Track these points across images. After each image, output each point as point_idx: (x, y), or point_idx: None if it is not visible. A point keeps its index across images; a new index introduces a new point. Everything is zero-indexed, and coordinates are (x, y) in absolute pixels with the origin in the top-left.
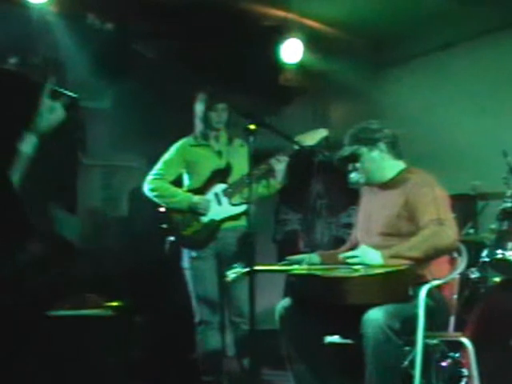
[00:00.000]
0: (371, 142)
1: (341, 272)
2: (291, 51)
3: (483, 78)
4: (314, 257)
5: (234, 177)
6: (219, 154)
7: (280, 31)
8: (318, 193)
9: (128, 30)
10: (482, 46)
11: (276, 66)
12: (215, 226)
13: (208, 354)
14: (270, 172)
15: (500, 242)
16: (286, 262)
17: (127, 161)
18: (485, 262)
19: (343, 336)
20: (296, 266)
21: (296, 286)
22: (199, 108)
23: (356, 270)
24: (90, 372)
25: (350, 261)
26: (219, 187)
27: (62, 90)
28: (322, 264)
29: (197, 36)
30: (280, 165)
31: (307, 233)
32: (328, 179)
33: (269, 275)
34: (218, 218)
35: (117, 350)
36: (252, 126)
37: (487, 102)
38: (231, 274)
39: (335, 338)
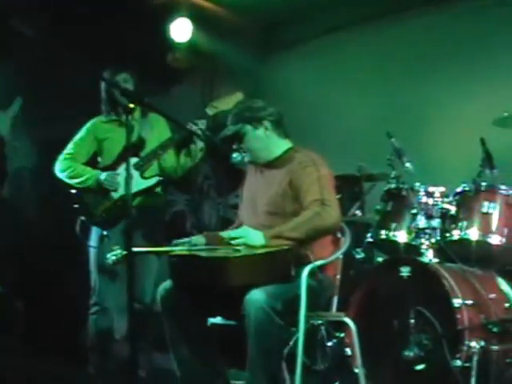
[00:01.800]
0: (256, 120)
1: (222, 252)
2: (180, 30)
3: (369, 61)
4: (199, 238)
5: (147, 150)
6: (130, 129)
7: (169, 10)
8: (205, 173)
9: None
10: (369, 30)
11: (165, 45)
12: (125, 202)
13: (97, 335)
14: (189, 139)
15: (384, 223)
16: (172, 244)
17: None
18: (369, 242)
19: (226, 317)
20: (178, 247)
21: (176, 267)
22: (102, 85)
23: (237, 251)
24: None
25: (232, 241)
26: (131, 161)
27: None
28: (206, 245)
29: (83, 13)
30: (197, 128)
31: (194, 214)
32: (215, 159)
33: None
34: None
35: None
36: (130, 105)
37: (372, 85)
38: (111, 256)
39: (218, 320)
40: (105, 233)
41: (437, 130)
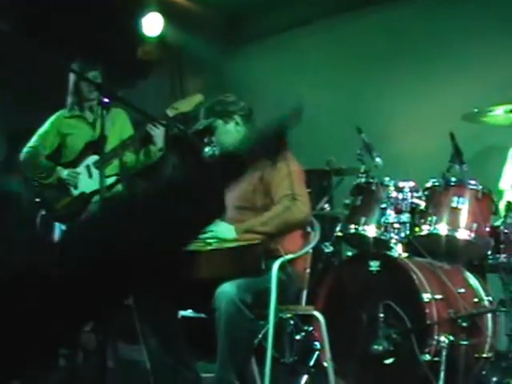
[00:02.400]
0: (227, 115)
1: (193, 246)
2: (151, 24)
3: (335, 55)
4: None
5: (109, 147)
6: (93, 125)
7: (140, 4)
8: (174, 166)
9: None
10: (333, 25)
11: (135, 39)
12: (85, 199)
13: None
14: (148, 138)
15: (353, 217)
16: None
17: None
18: (338, 236)
19: (196, 310)
20: None
21: None
22: (71, 78)
23: (208, 244)
24: None
25: (203, 235)
26: (91, 159)
27: None
28: None
29: (54, 5)
30: (157, 130)
31: None
32: (184, 152)
33: None
34: (87, 190)
35: None
36: (105, 100)
37: (340, 79)
38: None
39: (188, 312)
40: (63, 227)
41: (406, 124)
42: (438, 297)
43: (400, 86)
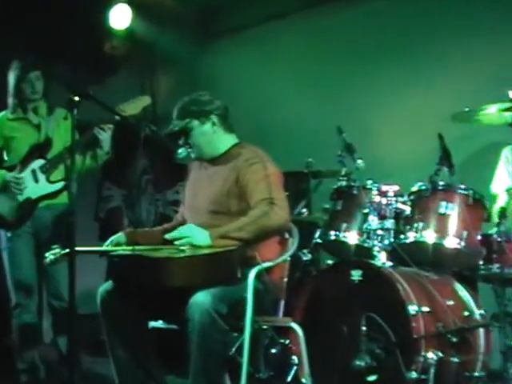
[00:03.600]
0: (203, 115)
1: (165, 252)
2: (119, 17)
3: (314, 51)
4: (119, 237)
5: (54, 151)
6: (38, 127)
7: None
8: (144, 168)
9: None
10: (313, 18)
11: (102, 32)
12: (31, 204)
13: (23, 339)
14: (95, 142)
15: (333, 223)
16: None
17: None
18: (317, 243)
19: (167, 321)
20: (120, 247)
21: (117, 267)
22: (11, 79)
23: (182, 251)
24: None
25: (176, 241)
26: (37, 163)
27: None
28: (128, 244)
29: None
30: (104, 134)
31: (131, 210)
32: (154, 153)
33: (91, 256)
34: (34, 196)
35: None
36: (76, 98)
37: (319, 76)
38: (50, 256)
39: (159, 323)
40: (8, 234)
41: (391, 124)
42: (426, 309)
43: (384, 83)
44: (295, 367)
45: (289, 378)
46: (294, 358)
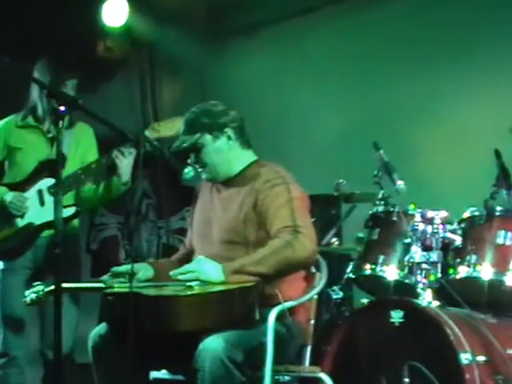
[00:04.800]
0: (216, 128)
1: (170, 290)
2: (114, 13)
3: (344, 51)
4: (147, 267)
5: (68, 171)
6: (52, 140)
7: None
8: (144, 191)
9: None
10: (344, 11)
11: (94, 30)
12: (33, 231)
13: None
14: (112, 168)
15: (369, 255)
16: (109, 274)
17: None
18: (350, 278)
19: (172, 371)
20: (116, 283)
21: (113, 307)
22: (41, 79)
23: (189, 288)
24: None
25: (182, 276)
26: (45, 183)
27: None
28: (156, 277)
29: None
30: (123, 160)
31: (130, 240)
32: (156, 174)
33: (93, 295)
34: (37, 221)
35: None
36: (61, 108)
37: (351, 82)
38: (30, 295)
39: (162, 374)
40: (1, 265)
41: (437, 139)
42: (481, 359)
43: (428, 92)
44: None
45: None
46: None
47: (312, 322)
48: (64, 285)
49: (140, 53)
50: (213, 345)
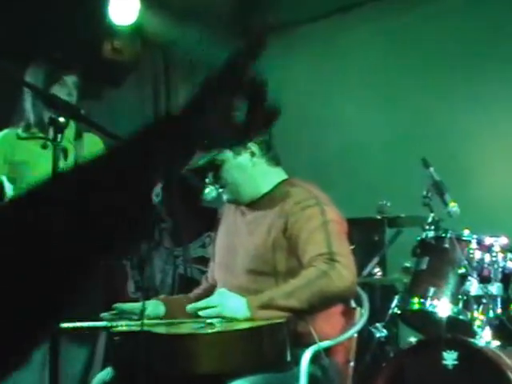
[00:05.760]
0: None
1: (188, 328)
2: (123, 9)
3: (394, 54)
4: (156, 305)
5: None
6: (64, 152)
7: None
8: (158, 213)
9: None
10: (388, 8)
11: (100, 30)
12: None
13: None
14: None
15: (417, 287)
16: (113, 312)
17: None
18: (395, 314)
19: None
20: (121, 323)
21: (119, 349)
22: (35, 82)
23: (210, 325)
24: None
25: (203, 312)
26: None
27: None
28: (167, 315)
29: None
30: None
31: (140, 271)
32: (172, 194)
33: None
34: None
35: None
36: (60, 119)
37: (394, 87)
38: None
39: None
40: None
41: (492, 157)
42: None
43: (485, 103)
44: None
45: None
46: None
47: (352, 363)
48: (63, 325)
49: (153, 54)
50: None
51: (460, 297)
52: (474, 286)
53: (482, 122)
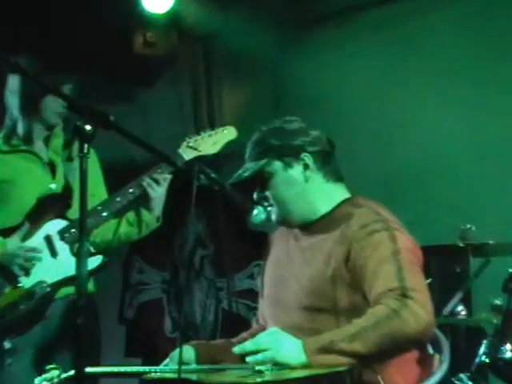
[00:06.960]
0: (289, 152)
1: (233, 376)
2: None
3: (475, 45)
4: (187, 350)
5: (75, 207)
6: (51, 167)
7: None
8: (198, 238)
9: None
10: None
11: (131, 21)
12: (45, 293)
13: None
14: (141, 200)
15: (509, 330)
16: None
17: None
18: (484, 363)
19: None
20: (155, 367)
21: None
22: (16, 84)
23: (259, 373)
24: None
25: (249, 358)
26: (53, 226)
27: None
28: (198, 363)
29: None
30: (158, 189)
31: (177, 306)
32: (215, 216)
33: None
34: (50, 279)
35: None
36: (87, 127)
37: (473, 83)
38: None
39: None
40: (7, 345)
41: None
42: None
43: None
44: None
45: None
46: None
47: None
48: (88, 369)
49: (192, 48)
50: None
51: None
52: None
53: None
